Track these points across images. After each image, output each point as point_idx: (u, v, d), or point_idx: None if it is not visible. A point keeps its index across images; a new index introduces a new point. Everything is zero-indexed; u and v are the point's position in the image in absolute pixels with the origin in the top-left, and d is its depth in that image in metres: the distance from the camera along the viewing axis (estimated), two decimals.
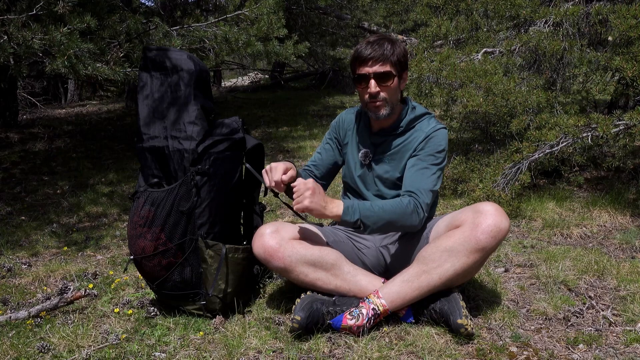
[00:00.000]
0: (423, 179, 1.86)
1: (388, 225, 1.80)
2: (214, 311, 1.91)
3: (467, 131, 4.23)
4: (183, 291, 1.90)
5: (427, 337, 1.72)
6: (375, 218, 1.76)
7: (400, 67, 1.89)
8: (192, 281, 1.89)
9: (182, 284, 1.89)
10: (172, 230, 1.85)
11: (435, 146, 1.89)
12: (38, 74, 7.74)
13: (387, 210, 1.78)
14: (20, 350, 1.70)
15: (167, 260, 1.86)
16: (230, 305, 1.93)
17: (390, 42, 1.88)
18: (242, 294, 1.99)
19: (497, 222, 1.69)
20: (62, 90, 11.46)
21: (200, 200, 1.85)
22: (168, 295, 1.92)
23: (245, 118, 7.11)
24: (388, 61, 1.85)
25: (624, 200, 3.08)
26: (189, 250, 1.87)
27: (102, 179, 4.38)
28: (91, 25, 3.11)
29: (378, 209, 1.78)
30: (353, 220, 1.76)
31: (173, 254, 1.86)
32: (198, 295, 1.90)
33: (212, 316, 1.91)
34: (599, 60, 3.11)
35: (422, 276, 1.74)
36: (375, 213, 1.77)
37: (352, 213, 1.76)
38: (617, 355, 1.64)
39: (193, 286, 1.90)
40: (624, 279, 2.14)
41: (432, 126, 1.92)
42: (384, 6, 10.41)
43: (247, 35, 4.57)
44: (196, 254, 1.88)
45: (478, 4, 3.64)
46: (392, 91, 1.89)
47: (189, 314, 1.93)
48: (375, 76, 1.85)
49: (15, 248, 2.79)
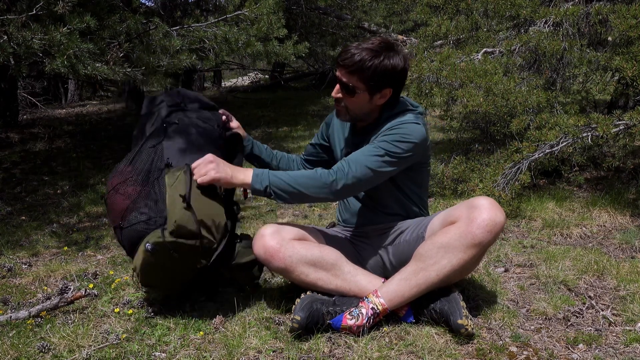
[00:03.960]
0: (363, 155, 1.77)
1: (300, 195, 1.75)
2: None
3: (467, 131, 4.23)
4: (147, 224, 1.82)
5: (427, 337, 1.72)
6: (285, 186, 1.73)
7: (376, 83, 1.77)
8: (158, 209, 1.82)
9: (147, 215, 1.83)
10: (138, 162, 1.89)
11: (395, 135, 1.78)
12: (38, 74, 7.74)
13: (299, 180, 1.74)
14: (20, 350, 1.70)
15: (133, 187, 1.85)
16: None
17: (374, 53, 1.75)
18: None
19: (492, 216, 1.67)
20: (62, 90, 11.47)
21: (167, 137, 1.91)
22: (131, 230, 1.84)
23: (245, 118, 7.11)
24: (356, 74, 1.76)
25: (624, 200, 3.08)
26: (153, 177, 1.85)
27: (102, 179, 4.38)
28: (91, 25, 3.11)
29: (288, 178, 1.74)
30: (262, 187, 1.74)
31: (140, 182, 1.86)
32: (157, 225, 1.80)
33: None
34: (599, 60, 3.12)
35: (420, 274, 1.74)
36: (285, 182, 1.73)
37: (260, 180, 1.74)
38: (616, 355, 1.64)
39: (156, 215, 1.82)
40: (623, 278, 2.14)
41: (403, 119, 1.83)
42: (384, 6, 10.43)
43: (247, 35, 4.57)
44: (162, 182, 1.84)
45: (478, 4, 3.64)
46: (354, 104, 1.83)
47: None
48: (340, 83, 1.83)
49: (16, 248, 2.79)
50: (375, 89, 1.80)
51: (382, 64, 1.75)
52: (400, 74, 1.81)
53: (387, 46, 1.79)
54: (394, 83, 1.82)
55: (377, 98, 1.83)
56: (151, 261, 1.76)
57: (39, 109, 8.35)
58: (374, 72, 1.75)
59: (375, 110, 1.89)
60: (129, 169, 1.91)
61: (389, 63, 1.76)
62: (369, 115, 1.90)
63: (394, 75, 1.79)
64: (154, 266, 1.77)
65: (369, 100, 1.84)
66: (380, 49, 1.77)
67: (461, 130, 4.19)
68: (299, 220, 3.14)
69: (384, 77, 1.78)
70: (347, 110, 1.87)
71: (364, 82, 1.78)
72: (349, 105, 1.85)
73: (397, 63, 1.78)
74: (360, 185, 1.79)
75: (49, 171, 4.78)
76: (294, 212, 3.28)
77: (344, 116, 1.90)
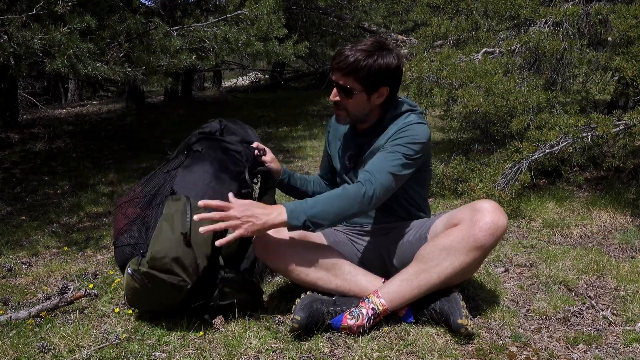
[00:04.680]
0: (383, 162, 1.77)
1: (338, 217, 1.71)
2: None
3: (467, 131, 4.23)
4: (133, 248, 1.81)
5: (427, 337, 1.72)
6: (322, 214, 1.67)
7: (372, 82, 1.79)
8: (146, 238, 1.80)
9: (135, 240, 1.82)
10: (149, 185, 1.89)
11: (406, 138, 1.80)
12: (38, 74, 7.75)
13: (333, 202, 1.70)
14: (20, 350, 1.70)
15: (133, 209, 1.84)
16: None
17: (367, 53, 1.76)
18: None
19: (495, 219, 1.68)
20: (62, 90, 11.48)
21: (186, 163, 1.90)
22: (120, 250, 1.84)
23: (245, 118, 7.10)
24: (351, 75, 1.77)
25: (624, 200, 3.08)
26: (155, 203, 1.84)
27: (102, 179, 4.38)
28: (91, 25, 3.11)
29: (323, 205, 1.69)
30: (300, 223, 1.66)
31: (141, 206, 1.85)
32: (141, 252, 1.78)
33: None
34: (599, 60, 3.11)
35: (421, 275, 1.74)
36: (321, 210, 1.68)
37: (296, 216, 1.66)
38: (617, 355, 1.64)
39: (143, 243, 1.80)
40: (623, 278, 2.14)
41: (408, 120, 1.85)
42: (384, 6, 10.43)
43: (247, 35, 4.56)
44: (160, 208, 1.82)
45: (478, 4, 3.64)
46: (353, 106, 1.84)
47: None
48: (337, 86, 1.83)
49: (16, 248, 2.79)
50: (371, 88, 1.81)
51: (377, 63, 1.77)
52: (395, 71, 1.82)
53: (379, 46, 1.80)
54: (390, 81, 1.83)
55: (375, 97, 1.84)
56: (135, 285, 1.76)
57: (39, 109, 8.36)
58: (369, 71, 1.77)
59: (375, 110, 1.90)
60: (139, 190, 1.91)
61: (383, 62, 1.78)
62: (370, 115, 1.90)
63: (389, 73, 1.81)
64: (138, 290, 1.77)
65: (367, 100, 1.84)
66: (374, 48, 1.78)
67: (461, 130, 4.19)
68: None
69: (379, 76, 1.79)
70: (347, 112, 1.88)
71: (360, 82, 1.79)
72: (348, 107, 1.86)
73: (390, 61, 1.80)
74: (388, 192, 1.78)
75: (49, 171, 4.78)
76: None
77: (344, 120, 1.91)
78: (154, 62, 3.81)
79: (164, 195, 1.84)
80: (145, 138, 6.33)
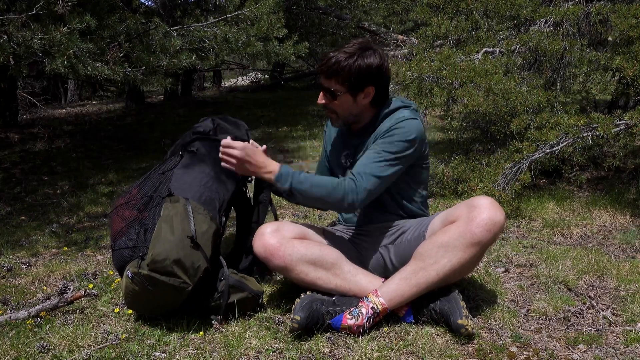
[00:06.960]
0: (368, 163, 1.80)
1: (316, 202, 1.83)
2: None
3: (467, 131, 4.23)
4: (132, 251, 1.81)
5: (427, 337, 1.72)
6: (305, 193, 1.78)
7: (354, 83, 1.81)
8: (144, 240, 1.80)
9: (133, 242, 1.82)
10: (145, 187, 1.88)
11: (395, 135, 1.82)
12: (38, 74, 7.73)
13: (319, 187, 1.78)
14: (20, 350, 1.69)
15: (130, 211, 1.84)
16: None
17: (348, 55, 1.79)
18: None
19: (491, 215, 1.68)
20: (62, 90, 11.48)
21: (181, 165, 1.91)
22: (119, 253, 1.84)
23: (245, 118, 7.10)
24: (334, 77, 1.81)
25: (624, 200, 3.08)
26: (152, 205, 1.84)
27: (102, 179, 4.38)
28: (91, 25, 3.11)
29: (310, 185, 1.78)
30: (284, 187, 1.78)
31: (138, 208, 1.84)
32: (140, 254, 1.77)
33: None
34: (599, 60, 3.11)
35: (420, 273, 1.74)
36: (307, 189, 1.77)
37: (284, 180, 1.77)
38: (617, 355, 1.64)
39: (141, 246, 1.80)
40: (624, 279, 2.14)
41: (400, 116, 1.86)
42: (384, 6, 10.42)
43: (247, 35, 4.56)
44: (158, 210, 1.81)
45: (478, 4, 3.64)
46: (340, 107, 1.87)
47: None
48: (322, 89, 1.86)
49: (15, 248, 2.79)
50: (355, 89, 1.84)
51: (357, 63, 1.80)
52: (377, 70, 1.84)
53: (361, 47, 1.83)
54: (374, 81, 1.85)
55: (361, 98, 1.86)
56: (134, 288, 1.75)
57: (39, 109, 8.34)
58: (349, 72, 1.80)
59: (366, 110, 1.91)
60: (135, 192, 1.91)
61: (364, 62, 1.80)
62: (361, 115, 1.92)
63: (370, 73, 1.82)
64: (137, 293, 1.76)
65: (354, 101, 1.86)
66: (355, 50, 1.81)
67: (461, 130, 4.19)
68: (299, 219, 3.14)
69: (361, 76, 1.81)
70: (337, 115, 1.90)
71: (342, 83, 1.82)
72: (336, 109, 1.88)
73: (371, 62, 1.82)
74: (372, 195, 1.82)
75: (48, 171, 4.78)
76: (294, 211, 3.27)
77: (337, 122, 1.95)
78: (153, 62, 3.81)
79: (161, 197, 1.84)
80: (145, 138, 6.33)
